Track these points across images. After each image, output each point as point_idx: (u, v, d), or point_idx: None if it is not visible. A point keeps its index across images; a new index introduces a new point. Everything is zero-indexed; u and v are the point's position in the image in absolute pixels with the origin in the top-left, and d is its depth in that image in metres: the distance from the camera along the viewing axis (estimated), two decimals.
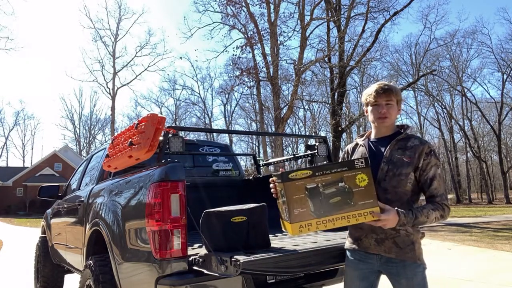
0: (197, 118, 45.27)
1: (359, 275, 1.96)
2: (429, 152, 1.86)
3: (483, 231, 11.02)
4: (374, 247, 1.90)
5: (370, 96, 1.94)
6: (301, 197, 1.75)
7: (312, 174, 1.76)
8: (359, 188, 1.78)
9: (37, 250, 5.27)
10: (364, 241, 1.93)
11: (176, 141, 2.64)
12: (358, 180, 1.79)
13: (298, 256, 2.09)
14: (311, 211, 1.75)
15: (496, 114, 35.81)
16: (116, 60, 33.43)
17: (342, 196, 1.77)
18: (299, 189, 1.75)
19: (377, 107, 1.93)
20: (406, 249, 1.84)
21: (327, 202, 1.76)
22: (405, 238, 1.85)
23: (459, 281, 5.05)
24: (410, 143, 1.90)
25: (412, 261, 1.84)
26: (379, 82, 2.00)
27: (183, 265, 2.14)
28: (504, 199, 33.77)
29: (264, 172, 5.81)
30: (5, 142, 52.45)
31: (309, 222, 1.74)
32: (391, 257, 1.86)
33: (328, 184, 1.77)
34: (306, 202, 1.75)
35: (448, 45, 33.48)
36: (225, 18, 18.72)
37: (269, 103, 23.67)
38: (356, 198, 1.77)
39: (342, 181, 1.78)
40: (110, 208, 2.79)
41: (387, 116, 1.92)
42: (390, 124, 1.96)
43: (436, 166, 1.87)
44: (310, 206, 1.75)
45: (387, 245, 1.86)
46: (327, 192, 1.76)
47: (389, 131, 1.98)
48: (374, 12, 17.49)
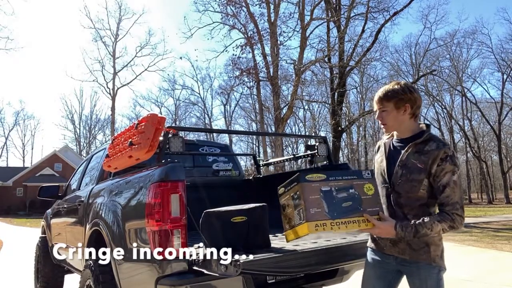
0: (197, 118, 45.34)
1: (376, 274, 1.97)
2: (445, 157, 1.78)
3: (483, 231, 11.02)
4: (389, 248, 1.91)
5: (374, 104, 1.97)
6: (316, 198, 1.82)
7: (326, 178, 1.86)
8: (367, 196, 1.87)
9: (37, 250, 5.26)
10: (380, 242, 1.95)
11: (176, 141, 2.64)
12: (366, 189, 1.88)
13: (298, 256, 2.09)
14: (326, 212, 1.81)
15: (496, 114, 35.84)
16: (116, 60, 33.45)
17: (353, 201, 1.85)
18: (315, 190, 1.83)
19: (377, 112, 1.94)
20: (420, 251, 1.83)
21: (340, 205, 1.83)
22: (418, 241, 1.82)
23: (459, 281, 5.04)
24: (428, 147, 1.83)
25: (426, 263, 1.82)
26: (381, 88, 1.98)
27: (183, 265, 2.14)
28: (504, 199, 33.79)
29: (264, 172, 5.82)
30: (5, 142, 52.49)
31: (324, 222, 1.80)
32: (402, 257, 1.86)
33: (340, 189, 1.85)
34: (321, 203, 1.81)
35: (448, 45, 33.54)
36: (225, 18, 18.75)
37: (269, 103, 23.68)
38: (365, 204, 1.86)
39: (352, 187, 1.87)
40: (110, 208, 2.79)
41: (384, 122, 1.91)
42: (391, 130, 1.95)
43: (451, 173, 1.77)
44: (325, 207, 1.82)
45: (401, 246, 1.86)
46: (340, 196, 1.84)
47: (407, 133, 1.92)
48: (374, 12, 17.52)
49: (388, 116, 1.89)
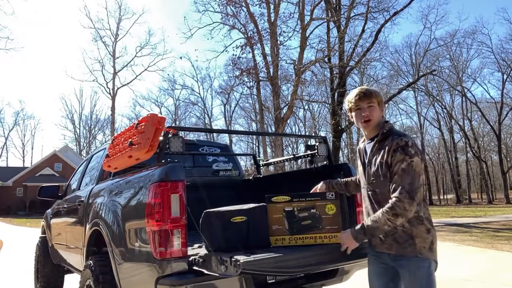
0: (197, 118, 45.32)
1: (375, 271, 2.07)
2: (396, 148, 1.85)
3: (483, 231, 11.02)
4: (380, 246, 1.99)
5: (351, 102, 2.01)
6: (279, 217, 2.18)
7: (290, 199, 2.19)
8: (327, 216, 2.17)
9: (37, 250, 5.26)
10: (373, 241, 2.03)
11: (176, 141, 2.64)
12: (328, 209, 2.17)
13: (298, 256, 2.09)
14: (286, 229, 2.18)
15: (496, 114, 35.84)
16: (116, 60, 33.37)
17: (312, 220, 2.17)
18: (279, 210, 2.19)
19: (360, 111, 1.99)
20: (405, 244, 1.88)
21: (300, 223, 2.16)
22: (403, 234, 1.89)
23: (459, 281, 5.05)
24: (386, 142, 1.92)
25: (413, 255, 1.86)
26: (359, 87, 2.06)
27: (183, 265, 2.14)
28: (504, 199, 33.78)
29: (264, 172, 5.81)
30: (5, 142, 52.51)
31: (283, 237, 2.18)
32: (392, 253, 1.93)
33: (302, 209, 2.17)
34: (283, 221, 2.18)
35: (448, 45, 33.54)
36: (225, 18, 18.73)
37: (269, 103, 23.67)
38: (324, 223, 2.16)
39: (314, 208, 2.17)
40: (110, 208, 2.79)
41: (370, 118, 1.97)
42: (374, 125, 2.00)
43: (400, 162, 1.82)
44: (286, 225, 2.18)
45: (388, 242, 1.94)
46: (301, 216, 2.17)
47: (374, 132, 2.02)
48: (374, 12, 17.51)
49: (374, 112, 1.98)
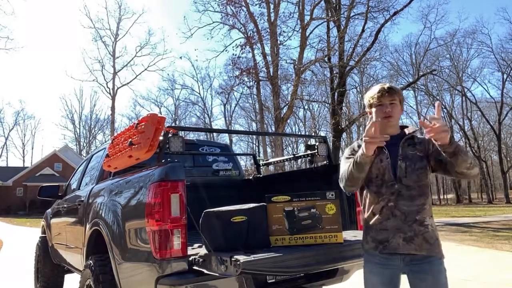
0: (197, 118, 45.28)
1: (382, 280, 1.86)
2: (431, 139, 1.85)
3: (483, 231, 11.02)
4: (403, 247, 1.80)
5: (374, 98, 1.95)
6: (279, 217, 2.19)
7: (290, 199, 2.19)
8: (327, 215, 2.18)
9: (37, 250, 5.26)
10: (392, 242, 1.82)
11: (176, 141, 2.64)
12: (328, 209, 2.18)
13: (298, 256, 2.09)
14: (286, 229, 2.18)
15: (496, 114, 35.84)
16: (116, 60, 33.42)
17: (312, 220, 2.18)
18: (279, 210, 2.19)
19: (382, 107, 1.93)
20: (434, 244, 1.83)
21: (300, 223, 2.17)
22: (432, 234, 1.83)
23: (459, 281, 5.04)
24: (416, 139, 1.95)
25: (437, 258, 1.82)
26: (381, 83, 2.01)
27: (183, 265, 2.14)
28: (504, 199, 33.77)
29: (264, 172, 5.81)
30: (5, 142, 52.46)
31: (283, 237, 2.19)
32: (422, 254, 1.80)
33: (302, 209, 2.18)
34: (283, 221, 2.18)
35: (448, 45, 33.57)
36: (225, 18, 18.75)
37: (269, 103, 23.66)
38: (324, 223, 2.17)
39: (314, 207, 2.18)
40: (110, 208, 2.79)
41: (392, 115, 1.93)
42: (395, 123, 1.97)
43: None
44: (286, 225, 2.18)
45: (417, 242, 1.80)
46: (301, 215, 2.17)
47: (395, 130, 1.98)
48: (374, 12, 17.48)
49: (395, 109, 1.94)
